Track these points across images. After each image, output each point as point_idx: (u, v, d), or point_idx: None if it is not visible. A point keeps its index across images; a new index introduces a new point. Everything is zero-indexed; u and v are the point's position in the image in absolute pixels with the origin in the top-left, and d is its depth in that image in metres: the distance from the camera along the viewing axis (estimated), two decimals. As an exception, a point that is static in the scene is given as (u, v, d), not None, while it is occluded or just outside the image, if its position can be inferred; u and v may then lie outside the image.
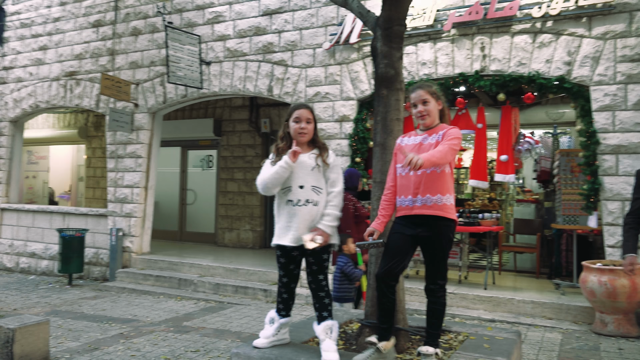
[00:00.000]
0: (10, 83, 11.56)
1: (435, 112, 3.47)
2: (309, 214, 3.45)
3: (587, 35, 6.68)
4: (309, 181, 3.49)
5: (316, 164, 3.53)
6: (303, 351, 3.57)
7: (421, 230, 3.33)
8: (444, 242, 3.35)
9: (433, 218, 3.30)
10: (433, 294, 3.37)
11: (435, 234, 3.32)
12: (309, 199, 3.46)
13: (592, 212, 6.60)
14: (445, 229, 3.34)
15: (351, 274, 5.35)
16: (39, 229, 10.80)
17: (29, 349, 4.73)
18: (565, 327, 6.16)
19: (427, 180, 3.34)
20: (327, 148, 3.64)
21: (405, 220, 3.40)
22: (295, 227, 3.44)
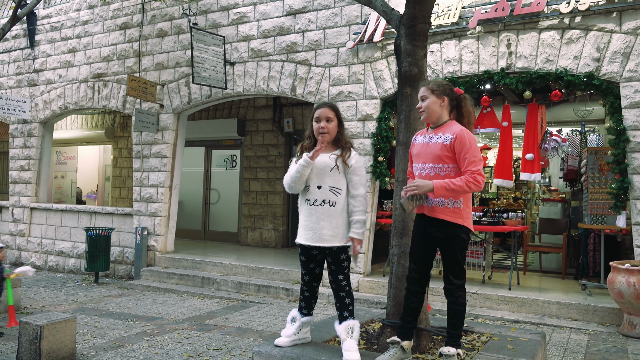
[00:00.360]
0: (40, 85, 11.82)
1: (434, 108, 3.41)
2: (326, 214, 3.45)
3: (617, 30, 6.52)
4: (327, 182, 3.49)
5: (335, 164, 3.52)
6: (324, 350, 3.57)
7: (434, 230, 3.35)
8: (455, 245, 3.33)
9: (441, 222, 3.31)
10: (451, 294, 3.33)
11: (447, 237, 3.32)
12: (326, 199, 3.46)
13: (621, 211, 6.44)
14: (456, 232, 3.32)
15: None
16: (66, 228, 11.03)
17: (57, 346, 4.83)
18: (591, 328, 6.02)
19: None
20: (349, 148, 3.62)
21: (422, 218, 3.41)
22: (312, 226, 3.45)
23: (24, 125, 11.89)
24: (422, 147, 3.43)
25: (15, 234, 11.75)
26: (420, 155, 3.43)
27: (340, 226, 3.47)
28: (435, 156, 3.34)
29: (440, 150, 3.32)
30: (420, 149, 3.45)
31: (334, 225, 3.46)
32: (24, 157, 11.79)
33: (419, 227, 3.42)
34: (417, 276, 3.43)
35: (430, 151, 3.37)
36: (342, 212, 3.50)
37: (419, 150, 3.46)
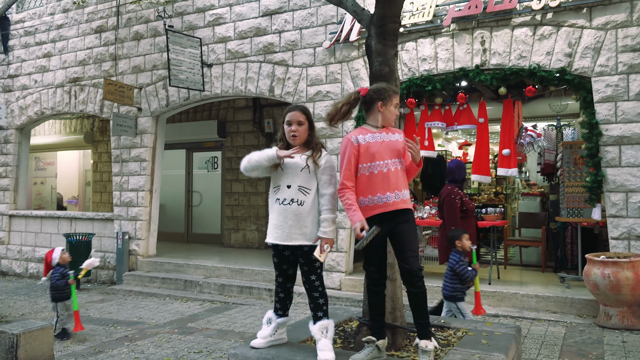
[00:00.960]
0: (15, 91, 11.67)
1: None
2: (294, 213, 3.46)
3: (588, 26, 6.62)
4: (296, 181, 3.50)
5: (306, 164, 3.53)
6: (300, 351, 3.58)
7: (394, 224, 3.38)
8: (411, 232, 3.42)
9: (405, 210, 3.43)
10: (412, 283, 3.33)
11: (406, 225, 3.40)
12: (295, 198, 3.47)
13: (596, 204, 6.54)
14: (411, 220, 3.46)
15: (463, 273, 4.96)
16: (47, 235, 10.90)
17: (33, 354, 4.77)
18: (569, 320, 6.12)
19: (401, 177, 3.46)
20: (320, 149, 3.62)
21: (382, 216, 3.38)
22: (281, 225, 3.46)
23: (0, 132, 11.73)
24: (380, 145, 3.45)
25: (-6, 242, 11.59)
26: (384, 152, 3.43)
27: (308, 225, 3.47)
28: (397, 151, 3.47)
29: (399, 145, 3.49)
30: (377, 147, 3.44)
31: (302, 224, 3.46)
32: (1, 164, 11.63)
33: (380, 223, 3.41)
34: (377, 275, 3.47)
35: (391, 147, 3.46)
36: (311, 211, 3.49)
37: (375, 148, 3.43)
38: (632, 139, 6.30)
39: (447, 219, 5.39)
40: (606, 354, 4.96)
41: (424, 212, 7.78)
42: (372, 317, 3.54)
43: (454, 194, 5.35)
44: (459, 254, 5.03)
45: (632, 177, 6.27)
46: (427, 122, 7.82)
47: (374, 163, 3.40)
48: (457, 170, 5.49)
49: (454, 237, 5.08)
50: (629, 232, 6.27)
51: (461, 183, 5.57)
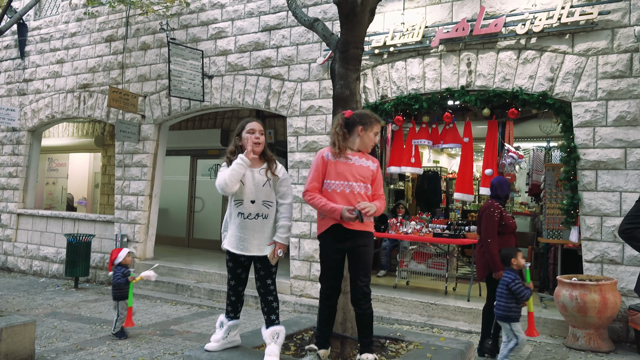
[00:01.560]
0: (29, 94, 12.15)
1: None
2: (259, 227, 3.70)
3: (570, 51, 6.77)
4: (260, 196, 3.73)
5: (267, 178, 3.76)
6: (249, 355, 3.79)
7: (349, 243, 3.55)
8: (365, 251, 3.55)
9: (360, 232, 3.54)
10: (358, 305, 3.53)
11: (361, 248, 3.54)
12: (260, 212, 3.70)
13: (572, 226, 6.65)
14: (369, 241, 3.60)
15: (519, 292, 4.76)
16: (51, 234, 11.30)
17: (14, 348, 5.06)
18: (539, 340, 6.21)
19: (362, 200, 3.56)
20: (275, 161, 3.86)
21: (336, 232, 3.57)
22: (245, 238, 3.69)
23: (12, 133, 12.21)
24: (346, 166, 3.62)
25: (2, 238, 12.03)
26: (349, 174, 3.60)
27: (271, 236, 3.72)
28: (364, 177, 3.63)
29: (368, 172, 3.66)
30: (343, 168, 3.62)
31: (267, 237, 3.71)
32: (12, 164, 12.10)
33: (332, 241, 3.60)
34: (331, 290, 3.64)
35: (359, 172, 3.62)
36: (273, 222, 3.75)
37: (342, 168, 3.61)
38: (608, 164, 6.41)
39: (483, 232, 5.36)
40: (564, 374, 5.08)
41: (409, 227, 7.95)
42: (319, 327, 3.74)
43: (493, 207, 5.31)
44: (514, 272, 4.87)
45: (607, 202, 6.38)
46: (415, 140, 8.01)
47: (337, 182, 3.59)
48: (499, 186, 5.45)
49: (509, 255, 4.94)
50: (602, 255, 6.37)
51: (504, 200, 5.51)
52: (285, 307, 7.85)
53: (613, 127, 6.43)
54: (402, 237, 7.87)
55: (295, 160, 8.56)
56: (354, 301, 3.54)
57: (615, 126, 6.42)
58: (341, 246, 3.57)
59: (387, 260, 9.29)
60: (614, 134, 6.42)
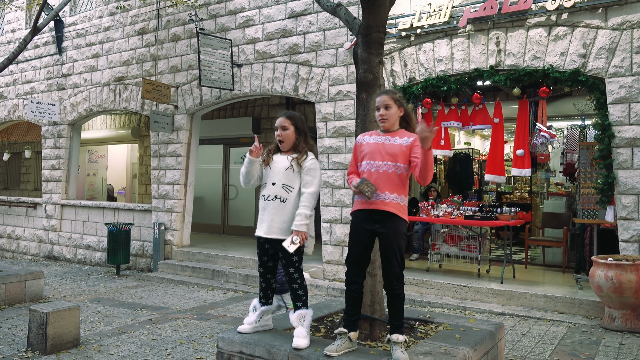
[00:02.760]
0: (68, 89, 12.55)
1: (395, 117, 3.69)
2: (276, 209, 3.79)
3: (603, 26, 6.57)
4: (281, 179, 3.83)
5: (290, 165, 3.86)
6: (280, 337, 3.91)
7: (378, 226, 3.55)
8: (397, 238, 3.53)
9: (388, 214, 3.53)
10: (390, 289, 3.56)
11: (390, 231, 3.53)
12: (278, 194, 3.80)
13: (608, 206, 6.51)
14: (398, 226, 3.55)
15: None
16: (93, 223, 11.73)
17: (61, 331, 5.34)
18: (575, 321, 6.15)
19: (387, 180, 3.57)
20: (306, 152, 3.92)
21: (363, 213, 3.61)
22: (265, 219, 3.80)
23: (54, 127, 12.66)
24: (378, 147, 3.66)
25: (48, 229, 12.55)
26: (377, 153, 3.63)
27: (287, 222, 3.79)
28: (394, 155, 3.60)
29: (400, 150, 3.61)
30: (374, 148, 3.66)
31: (283, 220, 3.78)
32: (55, 157, 12.56)
33: (360, 223, 3.64)
34: (356, 270, 3.66)
35: (387, 151, 3.61)
36: (293, 209, 3.82)
37: (373, 148, 3.66)
38: (644, 140, 6.23)
39: None
40: (598, 354, 5.02)
41: (440, 210, 7.93)
42: (346, 310, 3.79)
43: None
44: None
45: (644, 180, 6.22)
46: (444, 122, 7.95)
47: (364, 162, 3.67)
48: None
49: None
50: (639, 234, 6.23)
51: None
52: (319, 291, 7.98)
53: (649, 102, 6.24)
54: (434, 220, 7.86)
55: (324, 146, 8.62)
56: (387, 285, 3.54)
57: (651, 102, 6.23)
58: (370, 227, 3.58)
59: (419, 243, 9.29)
60: (650, 110, 6.23)
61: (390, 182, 3.57)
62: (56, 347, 5.27)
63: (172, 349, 5.37)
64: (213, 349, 5.33)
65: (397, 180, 3.58)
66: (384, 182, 3.57)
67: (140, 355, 5.16)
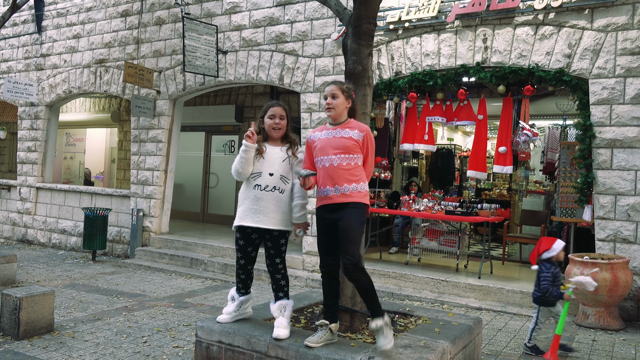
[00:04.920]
0: (47, 69, 12.26)
1: (342, 107, 3.70)
2: (275, 200, 3.76)
3: (589, 27, 6.64)
4: (279, 170, 3.80)
5: (287, 155, 3.83)
6: (260, 327, 3.88)
7: (334, 215, 3.57)
8: (352, 222, 3.52)
9: (345, 204, 3.56)
10: (350, 276, 3.51)
11: (346, 215, 3.53)
12: (276, 186, 3.77)
13: (585, 205, 6.61)
14: (353, 210, 3.55)
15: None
16: (69, 208, 11.52)
17: (35, 317, 5.23)
18: (549, 318, 6.23)
19: (342, 171, 3.58)
20: (297, 143, 3.95)
21: (325, 209, 3.63)
22: (261, 210, 3.74)
23: (31, 107, 12.37)
24: (328, 141, 3.66)
25: (22, 212, 12.29)
26: (328, 147, 3.64)
27: (287, 212, 3.78)
28: (345, 147, 3.61)
29: (350, 142, 3.62)
30: (325, 142, 3.66)
31: (282, 211, 3.76)
32: (31, 139, 12.29)
33: (323, 217, 3.65)
34: (326, 262, 3.66)
35: (338, 144, 3.63)
36: (289, 200, 3.80)
37: (324, 143, 3.66)
38: (624, 142, 6.33)
39: None
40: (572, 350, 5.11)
41: (421, 205, 7.96)
42: (325, 302, 3.78)
43: None
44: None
45: (622, 181, 6.32)
46: (428, 117, 7.97)
47: (318, 158, 3.67)
48: None
49: None
50: (615, 234, 6.34)
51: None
52: (298, 282, 7.96)
53: (631, 104, 6.33)
54: (414, 215, 7.89)
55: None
56: (345, 273, 3.51)
57: (633, 104, 6.32)
58: (328, 216, 3.60)
59: (399, 237, 9.33)
60: (631, 112, 6.32)
61: (346, 173, 3.58)
62: (29, 332, 5.17)
63: (148, 336, 5.30)
64: (190, 337, 5.29)
65: (353, 170, 3.60)
66: (340, 174, 3.57)
67: (116, 342, 5.08)
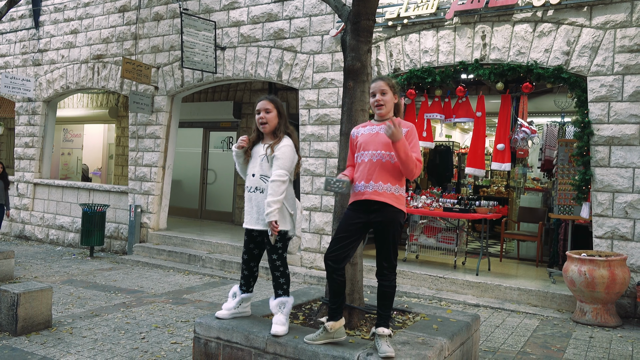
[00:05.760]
0: (44, 65, 12.22)
1: (391, 104, 3.62)
2: (256, 200, 3.76)
3: (588, 25, 6.63)
4: (258, 170, 3.77)
5: (265, 153, 3.77)
6: (258, 323, 3.89)
7: (374, 216, 3.48)
8: (392, 228, 3.46)
9: (383, 204, 3.45)
10: (385, 277, 3.49)
11: (388, 221, 3.46)
12: (256, 186, 3.76)
13: (583, 202, 6.62)
14: (393, 216, 3.48)
15: None
16: (67, 204, 11.50)
17: (32, 312, 5.23)
18: (547, 314, 6.26)
19: (380, 169, 3.49)
20: (281, 138, 3.79)
21: (357, 205, 3.54)
22: (248, 210, 3.77)
23: (28, 103, 12.33)
24: (372, 137, 3.59)
25: (19, 207, 12.26)
26: (370, 143, 3.57)
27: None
28: (387, 144, 3.48)
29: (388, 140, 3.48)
30: (368, 138, 3.60)
31: (263, 211, 3.70)
32: (28, 134, 12.25)
33: (354, 212, 3.55)
34: (340, 258, 3.54)
35: (381, 140, 3.53)
36: None
37: (367, 139, 3.60)
38: (622, 139, 6.34)
39: None
40: (569, 347, 5.13)
41: (419, 202, 7.96)
42: (330, 300, 3.75)
43: None
44: None
45: (620, 178, 6.33)
46: (427, 114, 7.96)
47: (359, 153, 3.62)
48: None
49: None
50: (613, 231, 6.35)
51: None
52: (296, 279, 7.97)
53: (629, 102, 6.34)
54: (413, 211, 7.89)
55: (307, 134, 8.56)
56: (380, 274, 3.47)
57: (631, 101, 6.33)
58: (364, 217, 3.50)
59: (397, 233, 9.32)
60: (629, 109, 6.33)
61: (383, 171, 3.49)
62: (27, 328, 5.16)
63: (146, 332, 5.30)
64: (189, 333, 5.29)
65: (392, 170, 3.49)
66: (377, 171, 3.49)
67: (114, 339, 5.08)
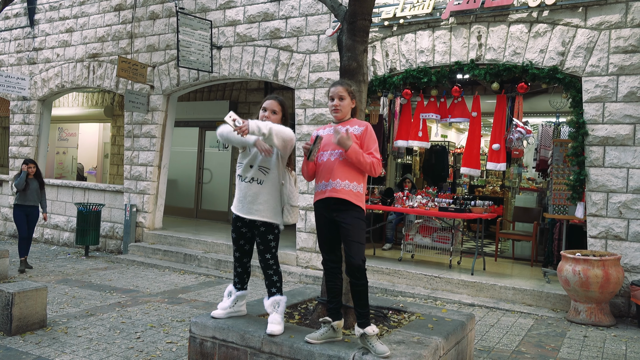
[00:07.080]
0: (39, 63, 12.17)
1: (348, 108, 3.73)
2: (253, 191, 3.76)
3: (583, 25, 6.66)
4: (257, 162, 3.79)
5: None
6: (254, 322, 3.89)
7: (336, 214, 3.55)
8: (351, 226, 3.50)
9: (342, 202, 3.52)
10: (352, 276, 3.50)
11: (347, 220, 3.51)
12: (255, 177, 3.77)
13: (578, 202, 6.65)
14: (352, 214, 3.53)
15: None
16: (62, 203, 11.46)
17: (27, 312, 5.21)
18: (541, 314, 6.29)
19: (339, 166, 3.57)
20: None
21: (321, 203, 3.63)
22: (243, 200, 3.76)
23: (23, 102, 12.28)
24: (329, 137, 3.66)
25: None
26: (329, 144, 3.65)
27: (265, 202, 3.74)
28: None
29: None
30: (327, 139, 3.68)
31: (260, 201, 3.74)
32: (23, 133, 12.20)
33: (321, 213, 3.64)
34: (329, 257, 3.65)
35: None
36: (271, 190, 3.77)
37: (326, 140, 3.68)
38: (616, 140, 6.37)
39: None
40: (563, 346, 5.15)
41: (415, 201, 7.98)
42: (328, 299, 3.76)
43: None
44: None
45: (614, 178, 6.36)
46: (423, 113, 7.98)
47: (319, 154, 3.68)
48: None
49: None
50: (607, 231, 6.38)
51: None
52: (291, 278, 7.97)
53: (623, 102, 6.37)
54: (408, 211, 7.91)
55: (302, 133, 8.57)
56: (348, 272, 3.51)
57: (625, 102, 6.36)
58: (329, 215, 3.58)
59: (392, 233, 9.35)
60: (623, 110, 6.36)
61: (341, 169, 3.56)
62: (22, 328, 5.15)
63: (142, 332, 5.30)
64: (184, 333, 5.29)
65: (349, 168, 3.56)
66: (335, 169, 3.56)
67: (109, 338, 5.07)
